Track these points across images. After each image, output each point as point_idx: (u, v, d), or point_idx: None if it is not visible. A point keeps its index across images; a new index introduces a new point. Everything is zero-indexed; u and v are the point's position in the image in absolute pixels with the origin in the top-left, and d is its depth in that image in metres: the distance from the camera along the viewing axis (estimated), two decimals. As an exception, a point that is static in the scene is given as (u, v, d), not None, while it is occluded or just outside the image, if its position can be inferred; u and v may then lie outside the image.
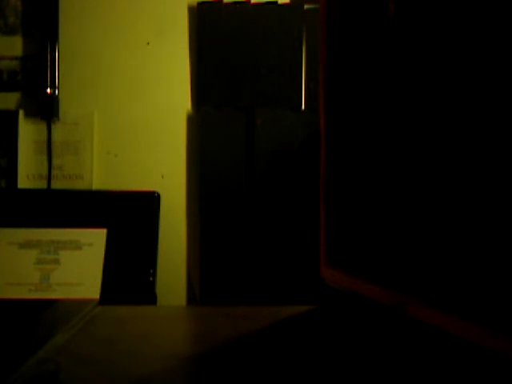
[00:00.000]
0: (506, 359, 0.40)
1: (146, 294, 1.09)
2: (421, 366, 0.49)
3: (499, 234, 0.42)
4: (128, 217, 1.15)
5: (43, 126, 1.22)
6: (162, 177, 1.25)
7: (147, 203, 1.18)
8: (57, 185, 1.23)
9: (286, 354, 0.52)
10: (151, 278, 1.10)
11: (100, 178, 1.24)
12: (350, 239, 0.64)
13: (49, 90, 1.21)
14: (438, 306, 0.47)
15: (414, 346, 0.53)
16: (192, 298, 1.23)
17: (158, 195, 1.19)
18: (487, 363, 0.42)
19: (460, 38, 0.47)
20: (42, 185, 1.22)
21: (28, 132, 1.23)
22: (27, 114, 1.23)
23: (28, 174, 1.23)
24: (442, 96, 0.49)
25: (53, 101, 1.21)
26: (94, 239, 1.11)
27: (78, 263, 1.08)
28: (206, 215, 1.21)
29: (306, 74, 1.23)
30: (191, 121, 1.25)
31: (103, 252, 1.10)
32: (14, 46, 1.23)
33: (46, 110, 1.21)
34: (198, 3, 1.24)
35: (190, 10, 1.25)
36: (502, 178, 0.42)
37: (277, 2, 1.24)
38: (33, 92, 1.23)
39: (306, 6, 1.23)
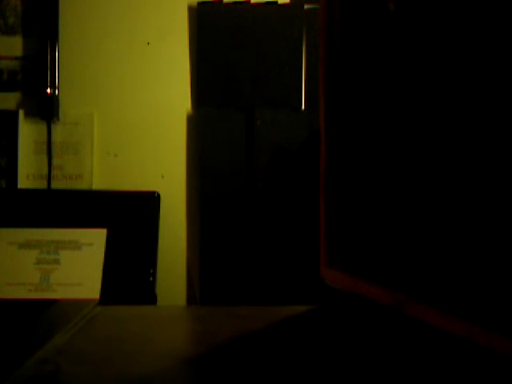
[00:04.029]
0: (506, 359, 0.40)
1: (145, 294, 1.09)
2: (421, 365, 0.49)
3: (499, 235, 0.42)
4: (128, 217, 1.15)
5: (43, 126, 1.22)
6: (162, 177, 1.25)
7: (147, 203, 1.18)
8: (57, 185, 1.23)
9: (286, 354, 0.52)
10: (151, 278, 1.10)
11: (100, 178, 1.24)
12: (350, 239, 0.63)
13: (49, 90, 1.21)
14: (438, 306, 0.47)
15: (414, 346, 0.53)
16: (192, 298, 1.23)
17: (158, 195, 1.19)
18: (487, 363, 0.42)
19: (460, 36, 0.47)
20: (42, 185, 1.22)
21: (28, 132, 1.23)
22: (27, 114, 1.23)
23: (28, 173, 1.23)
24: (443, 95, 0.49)
25: (53, 101, 1.21)
26: (94, 239, 1.11)
27: (77, 263, 1.08)
28: (206, 215, 1.21)
29: (306, 74, 1.23)
30: (191, 121, 1.25)
31: (103, 252, 1.10)
32: (14, 46, 1.23)
33: (46, 109, 1.21)
34: (198, 3, 1.24)
35: (190, 10, 1.25)
36: (502, 179, 0.42)
37: (277, 1, 1.24)
38: (33, 92, 1.23)
39: (305, 6, 1.23)
